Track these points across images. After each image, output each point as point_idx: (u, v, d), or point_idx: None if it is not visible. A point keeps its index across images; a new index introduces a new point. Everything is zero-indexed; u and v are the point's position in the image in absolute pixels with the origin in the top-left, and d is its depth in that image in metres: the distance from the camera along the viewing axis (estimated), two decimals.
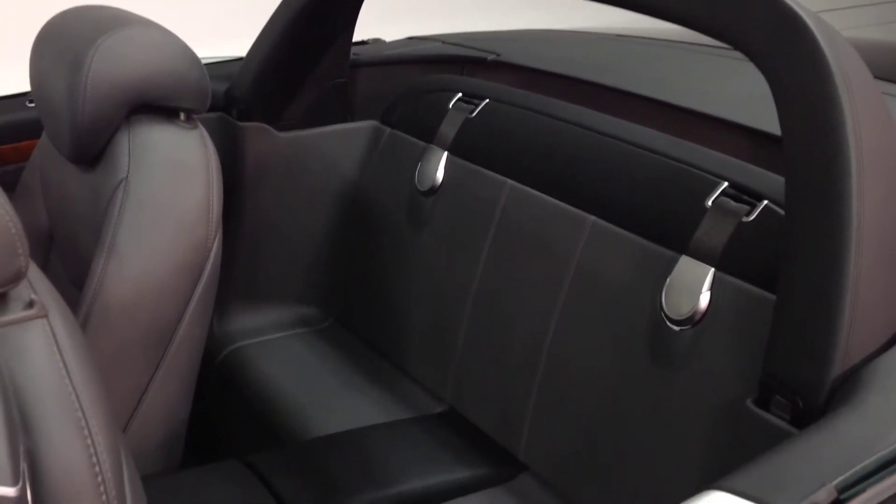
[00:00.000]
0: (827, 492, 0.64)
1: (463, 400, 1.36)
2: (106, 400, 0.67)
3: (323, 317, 1.63)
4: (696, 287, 1.07)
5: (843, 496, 0.65)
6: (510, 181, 1.33)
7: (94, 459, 0.63)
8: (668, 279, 1.10)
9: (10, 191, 1.45)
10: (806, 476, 0.68)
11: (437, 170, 1.44)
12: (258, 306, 1.60)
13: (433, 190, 1.44)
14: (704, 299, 1.07)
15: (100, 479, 0.63)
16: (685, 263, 1.09)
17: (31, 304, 0.66)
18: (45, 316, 0.66)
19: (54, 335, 0.66)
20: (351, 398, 1.43)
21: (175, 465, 1.31)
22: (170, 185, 1.20)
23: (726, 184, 1.10)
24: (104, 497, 0.63)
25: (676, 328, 1.09)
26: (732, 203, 1.07)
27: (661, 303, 1.11)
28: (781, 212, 1.03)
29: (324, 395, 1.43)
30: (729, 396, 1.00)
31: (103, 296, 1.17)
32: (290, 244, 1.59)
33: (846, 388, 0.81)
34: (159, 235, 1.19)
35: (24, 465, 0.59)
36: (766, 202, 1.05)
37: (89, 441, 0.63)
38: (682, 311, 1.08)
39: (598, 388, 1.17)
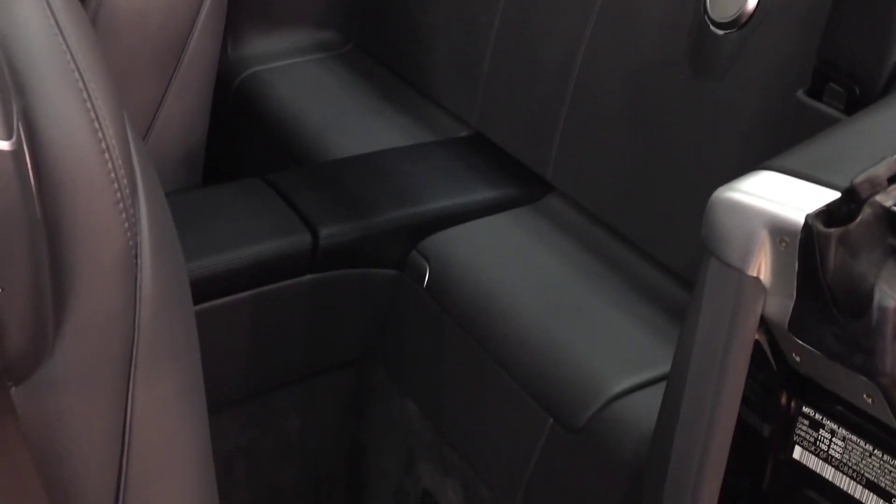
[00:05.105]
0: (887, 165, 0.59)
1: (489, 123, 1.31)
2: (105, 67, 0.62)
3: (342, 41, 1.55)
4: None
5: None
6: None
7: (97, 125, 0.59)
8: None
9: None
10: (862, 153, 0.63)
11: None
12: (273, 30, 1.52)
13: None
14: None
15: (104, 145, 0.59)
16: None
17: None
18: None
19: None
20: (372, 122, 1.38)
21: (195, 185, 1.29)
22: None
23: None
24: (110, 165, 0.59)
25: (721, 32, 1.01)
26: None
27: (704, 5, 1.03)
28: None
29: (344, 118, 1.38)
30: (776, 98, 0.94)
31: (108, 3, 1.11)
32: None
33: None
34: None
35: (18, 124, 0.55)
36: None
37: (89, 105, 0.59)
38: (728, 13, 1.01)
39: (633, 102, 1.11)
